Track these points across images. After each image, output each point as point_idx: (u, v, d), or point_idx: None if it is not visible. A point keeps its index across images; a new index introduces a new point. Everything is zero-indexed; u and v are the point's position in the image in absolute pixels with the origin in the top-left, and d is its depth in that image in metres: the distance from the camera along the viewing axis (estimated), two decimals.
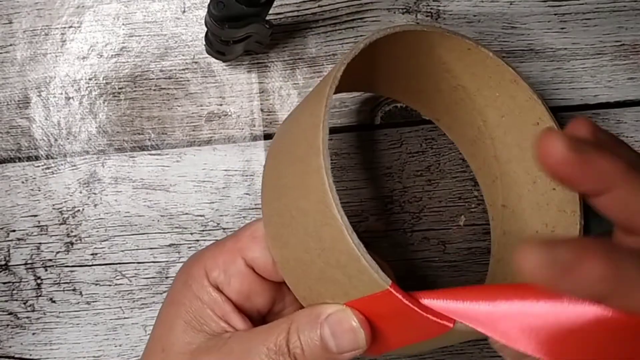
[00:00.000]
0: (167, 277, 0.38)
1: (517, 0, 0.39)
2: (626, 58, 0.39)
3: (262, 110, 0.39)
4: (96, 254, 0.38)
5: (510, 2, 0.39)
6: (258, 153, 0.39)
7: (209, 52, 0.38)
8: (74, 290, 0.38)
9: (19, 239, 0.38)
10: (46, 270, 0.38)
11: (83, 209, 0.38)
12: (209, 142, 0.39)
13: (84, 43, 0.39)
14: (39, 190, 0.39)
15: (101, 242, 0.38)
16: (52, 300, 0.38)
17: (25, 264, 0.38)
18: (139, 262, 0.38)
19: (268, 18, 0.35)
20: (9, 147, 0.39)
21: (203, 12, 0.39)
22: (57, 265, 0.38)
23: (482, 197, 0.38)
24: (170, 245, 0.38)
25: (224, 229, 0.38)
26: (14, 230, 0.38)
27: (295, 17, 0.39)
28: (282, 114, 0.39)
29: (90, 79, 0.39)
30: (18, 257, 0.38)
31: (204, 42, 0.37)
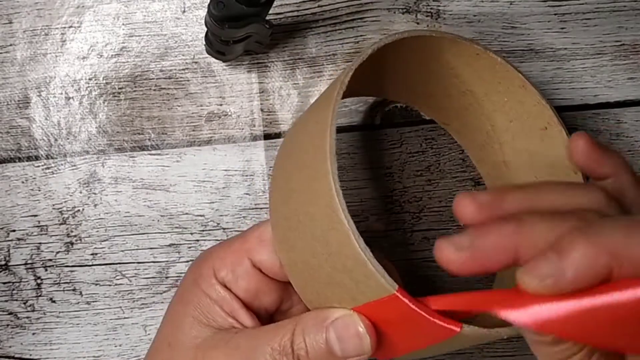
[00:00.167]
0: (167, 277, 0.38)
1: (517, 0, 0.39)
2: (626, 58, 0.39)
3: (262, 110, 0.39)
4: (96, 254, 0.38)
5: (511, 2, 0.39)
6: (258, 153, 0.39)
7: (209, 52, 0.38)
8: (74, 290, 0.38)
9: (19, 239, 0.38)
10: (46, 270, 0.38)
11: (83, 209, 0.38)
12: (209, 142, 0.39)
13: (84, 43, 0.39)
14: (39, 190, 0.39)
15: (101, 242, 0.38)
16: (52, 300, 0.38)
17: (25, 264, 0.38)
18: (139, 262, 0.38)
19: (268, 18, 0.35)
20: (9, 147, 0.39)
21: (203, 12, 0.39)
22: (57, 265, 0.38)
23: None
24: (170, 245, 0.38)
25: (224, 229, 0.38)
26: (14, 230, 0.38)
27: (295, 17, 0.39)
28: (282, 114, 0.39)
29: (90, 79, 0.39)
30: (18, 257, 0.38)
31: (204, 42, 0.37)
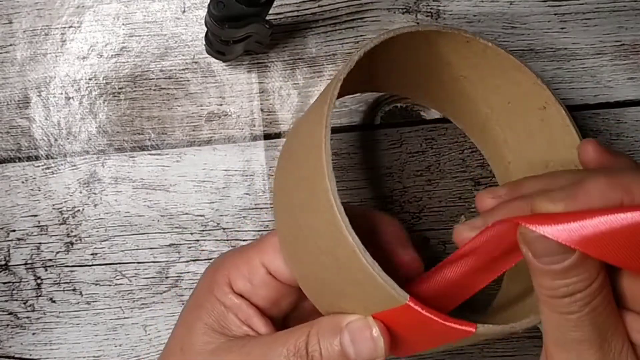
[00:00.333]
0: (167, 277, 0.38)
1: (517, 0, 0.39)
2: (626, 58, 0.39)
3: (262, 110, 0.39)
4: (96, 254, 0.38)
5: (510, 2, 0.39)
6: (258, 153, 0.39)
7: (209, 52, 0.38)
8: (74, 290, 0.38)
9: (19, 239, 0.38)
10: (46, 270, 0.38)
11: (83, 209, 0.38)
12: (209, 142, 0.39)
13: (84, 43, 0.39)
14: (39, 190, 0.39)
15: (101, 242, 0.38)
16: (52, 300, 0.38)
17: (25, 264, 0.38)
18: (139, 262, 0.38)
19: (268, 18, 0.35)
20: (9, 147, 0.39)
21: (203, 12, 0.39)
22: (57, 265, 0.38)
23: None
24: (170, 245, 0.38)
25: (224, 229, 0.38)
26: (14, 230, 0.38)
27: (295, 17, 0.39)
28: (282, 114, 0.39)
29: (90, 79, 0.39)
30: (18, 257, 0.38)
31: (204, 42, 0.37)
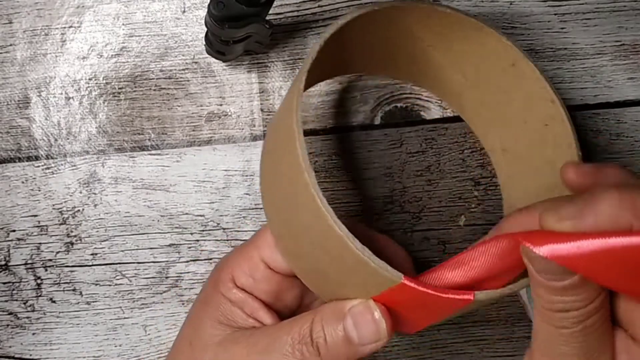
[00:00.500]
0: (167, 277, 0.38)
1: (517, 0, 0.39)
2: (626, 58, 0.39)
3: (262, 110, 0.39)
4: (96, 254, 0.38)
5: (510, 2, 0.39)
6: (258, 153, 0.39)
7: (209, 52, 0.38)
8: (74, 290, 0.38)
9: (19, 239, 0.38)
10: (46, 270, 0.38)
11: (83, 209, 0.38)
12: (209, 142, 0.39)
13: (84, 43, 0.39)
14: (39, 190, 0.39)
15: (101, 242, 0.38)
16: (52, 300, 0.38)
17: (25, 264, 0.38)
18: (139, 262, 0.38)
19: (268, 18, 0.35)
20: (9, 147, 0.39)
21: (203, 12, 0.39)
22: (57, 265, 0.38)
23: (482, 197, 0.38)
24: (170, 245, 0.38)
25: (224, 229, 0.38)
26: (14, 230, 0.38)
27: (295, 17, 0.39)
28: None
29: (90, 79, 0.39)
30: (18, 257, 0.38)
31: (204, 42, 0.37)
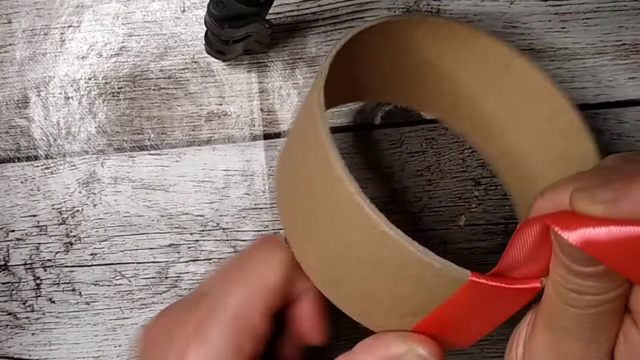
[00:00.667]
0: (166, 277, 0.38)
1: (517, 0, 0.39)
2: (627, 57, 0.39)
3: (262, 110, 0.39)
4: (95, 254, 0.38)
5: (511, 1, 0.39)
6: (258, 153, 0.39)
7: (208, 51, 0.38)
8: (73, 290, 0.38)
9: (18, 239, 0.38)
10: (45, 270, 0.38)
11: (82, 209, 0.38)
12: (208, 142, 0.39)
13: (83, 43, 0.39)
14: (38, 190, 0.38)
15: (100, 242, 0.38)
16: (51, 301, 0.38)
17: (25, 264, 0.38)
18: (138, 262, 0.38)
19: (268, 17, 0.35)
20: (8, 147, 0.39)
21: (203, 12, 0.39)
22: (57, 266, 0.38)
23: (482, 197, 0.38)
24: (169, 246, 0.38)
25: (224, 229, 0.38)
26: (13, 231, 0.38)
27: (295, 17, 0.39)
28: (282, 114, 0.39)
29: (89, 79, 0.39)
30: (17, 257, 0.38)
31: (204, 42, 0.37)
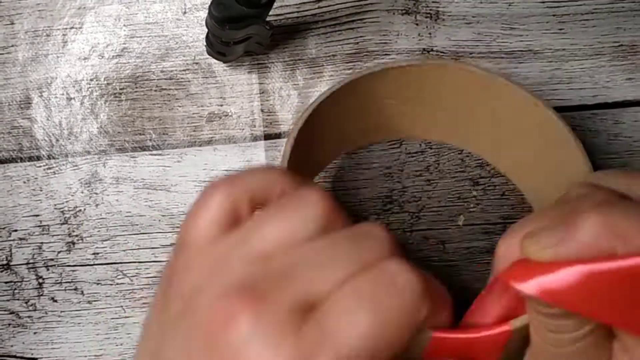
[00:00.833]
0: None
1: (516, 2, 0.40)
2: (624, 59, 0.39)
3: (263, 111, 0.39)
4: (97, 253, 0.38)
5: (509, 3, 0.40)
6: (258, 153, 0.39)
7: (209, 53, 0.38)
8: (75, 289, 0.38)
9: (20, 239, 0.39)
10: (48, 269, 0.38)
11: (84, 209, 0.39)
12: (209, 142, 0.39)
13: (85, 44, 0.40)
14: (41, 190, 0.39)
15: (102, 241, 0.38)
16: (53, 300, 0.38)
17: (27, 264, 0.38)
18: (140, 262, 0.38)
19: (268, 19, 0.35)
20: (11, 148, 0.39)
21: (204, 14, 0.39)
22: (59, 265, 0.38)
23: (480, 197, 0.38)
24: (171, 245, 0.38)
25: None
26: (15, 230, 0.39)
27: (295, 19, 0.40)
28: (282, 115, 0.39)
29: (91, 80, 0.39)
30: (20, 256, 0.38)
31: (205, 43, 0.38)
